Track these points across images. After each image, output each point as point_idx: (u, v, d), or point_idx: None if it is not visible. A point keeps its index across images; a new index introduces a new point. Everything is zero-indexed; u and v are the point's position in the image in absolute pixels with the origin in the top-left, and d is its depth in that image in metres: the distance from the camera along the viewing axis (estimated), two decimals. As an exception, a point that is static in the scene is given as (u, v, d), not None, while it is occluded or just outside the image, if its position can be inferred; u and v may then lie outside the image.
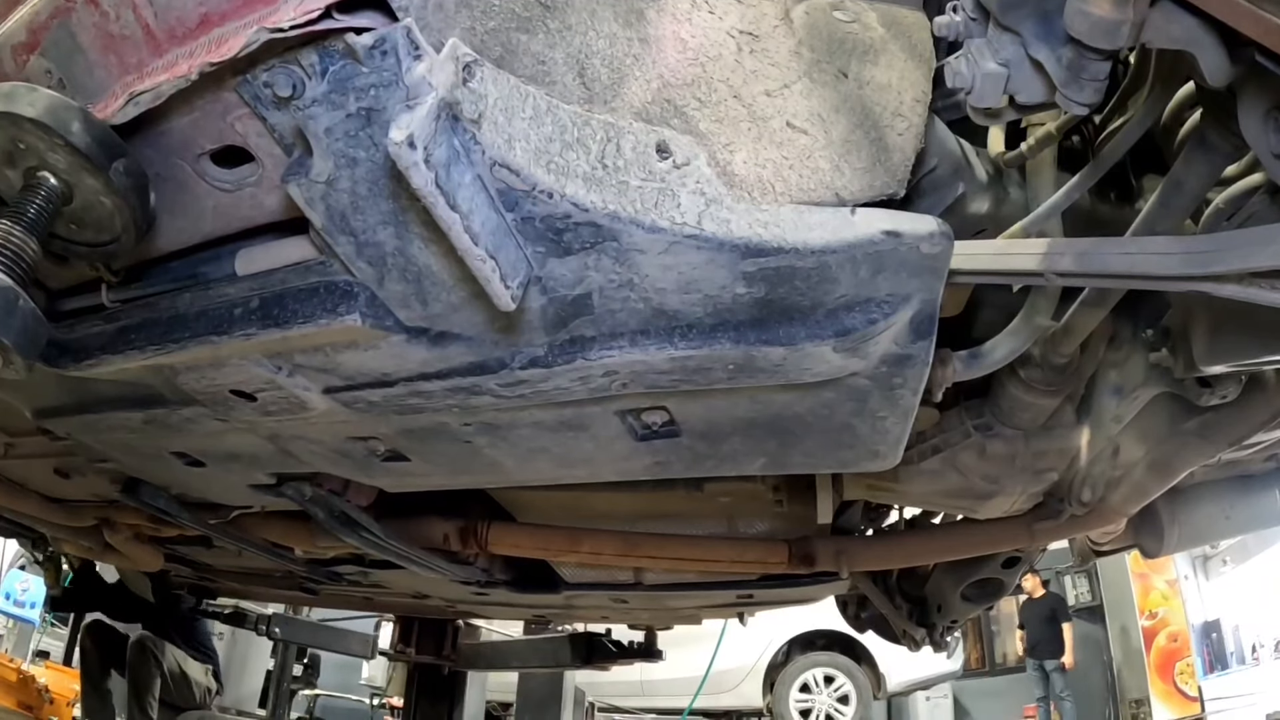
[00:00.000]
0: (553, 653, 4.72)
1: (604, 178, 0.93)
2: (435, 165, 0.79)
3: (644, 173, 0.94)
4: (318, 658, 8.87)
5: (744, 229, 0.95)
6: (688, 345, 1.05)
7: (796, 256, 0.96)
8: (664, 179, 0.95)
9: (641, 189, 0.94)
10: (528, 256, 0.96)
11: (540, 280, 0.99)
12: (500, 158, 0.86)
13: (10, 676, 5.28)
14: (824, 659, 8.55)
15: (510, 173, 0.87)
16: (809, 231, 0.96)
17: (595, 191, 0.92)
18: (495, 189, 0.88)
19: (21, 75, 0.94)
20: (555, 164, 0.90)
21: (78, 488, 2.04)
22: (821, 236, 0.96)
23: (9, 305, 0.86)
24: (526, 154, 0.88)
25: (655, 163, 0.95)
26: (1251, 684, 8.36)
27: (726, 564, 2.19)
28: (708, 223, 0.94)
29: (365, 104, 0.83)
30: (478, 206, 0.86)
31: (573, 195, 0.91)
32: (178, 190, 1.01)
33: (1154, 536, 2.18)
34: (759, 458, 1.39)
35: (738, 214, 0.95)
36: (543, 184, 0.89)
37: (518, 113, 0.88)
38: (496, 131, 0.86)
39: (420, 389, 1.18)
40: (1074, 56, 0.83)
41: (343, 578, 2.80)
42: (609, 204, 0.92)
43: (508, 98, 0.87)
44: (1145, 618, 10.22)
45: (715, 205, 0.95)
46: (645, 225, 0.93)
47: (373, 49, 0.80)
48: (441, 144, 0.79)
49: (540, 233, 0.94)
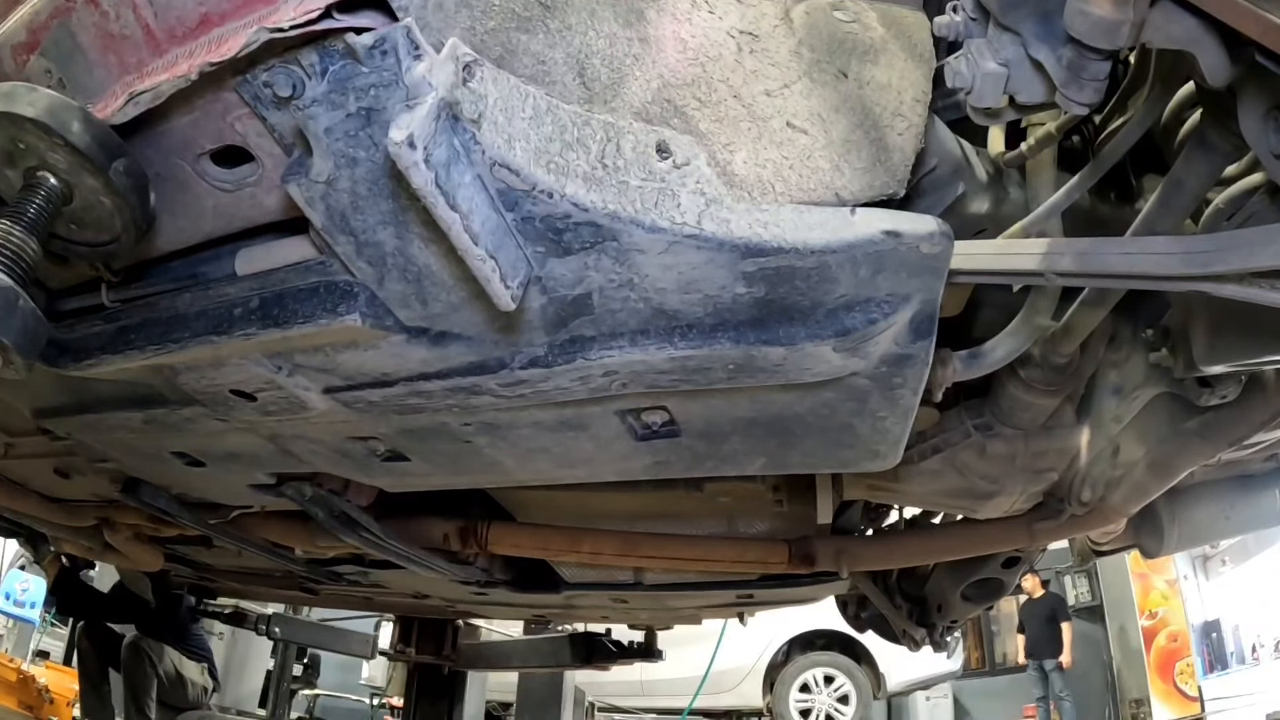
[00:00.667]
0: (553, 653, 4.72)
1: (604, 177, 0.92)
2: (435, 165, 0.79)
3: (644, 172, 0.94)
4: (318, 658, 8.88)
5: (744, 229, 0.95)
6: (688, 345, 1.05)
7: (796, 256, 0.96)
8: (664, 179, 0.94)
9: (641, 189, 0.94)
10: (528, 256, 0.96)
11: (540, 280, 0.99)
12: (500, 157, 0.86)
13: (10, 676, 5.28)
14: (824, 659, 8.55)
15: (510, 172, 0.87)
16: (809, 231, 0.96)
17: (595, 191, 0.92)
18: (495, 189, 0.88)
19: (21, 75, 0.94)
20: (555, 164, 0.90)
21: (78, 488, 2.04)
22: (821, 236, 0.96)
23: (9, 305, 0.86)
24: (526, 154, 0.88)
25: (655, 162, 0.94)
26: (1251, 684, 8.36)
27: (726, 564, 2.19)
28: (707, 222, 0.94)
29: (365, 104, 0.83)
30: (478, 206, 0.86)
31: (573, 195, 0.90)
32: (178, 190, 1.01)
33: (1154, 536, 2.18)
34: (759, 458, 1.39)
35: (738, 214, 0.95)
36: (543, 184, 0.89)
37: (518, 113, 0.88)
38: (496, 131, 0.86)
39: (420, 389, 1.18)
40: (1074, 56, 0.82)
41: (343, 578, 2.80)
42: (609, 204, 0.92)
43: (508, 97, 0.87)
44: (1145, 618, 10.22)
45: (715, 205, 0.95)
46: (645, 225, 0.93)
47: (373, 49, 0.80)
48: (441, 144, 0.79)
49: (540, 233, 0.94)
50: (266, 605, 5.06)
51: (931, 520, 2.41)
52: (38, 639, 8.21)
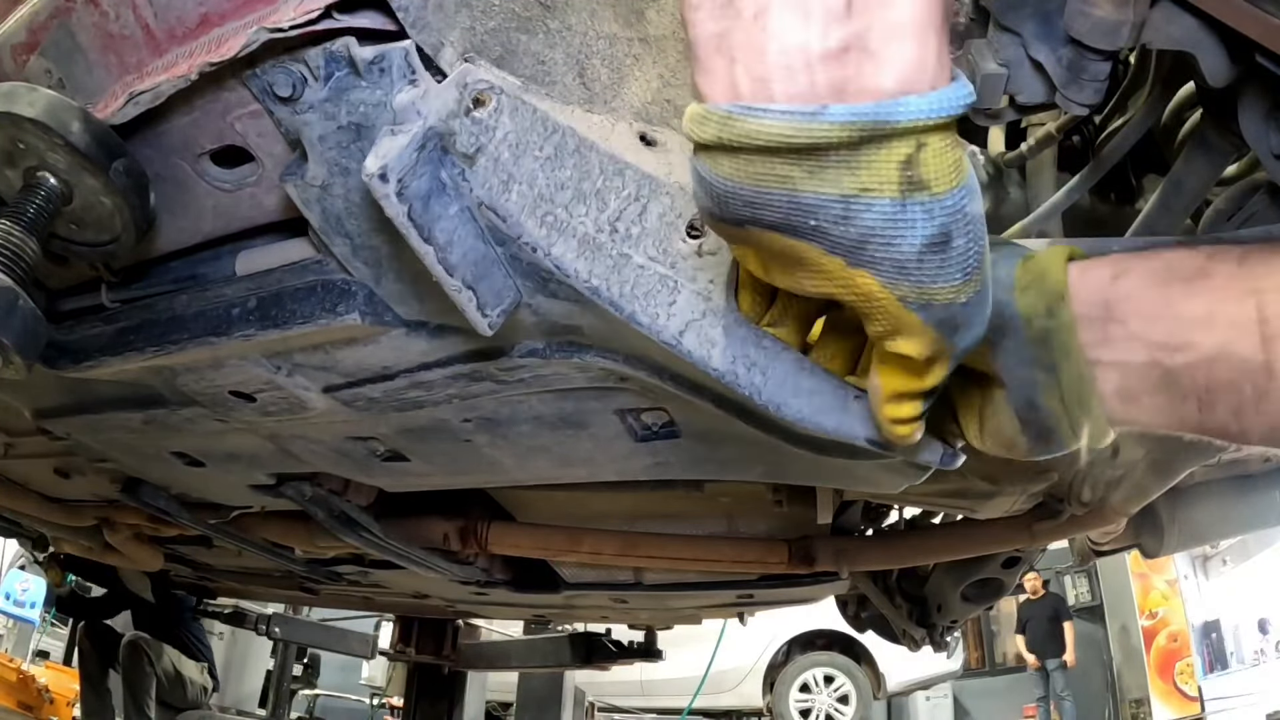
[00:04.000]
0: (553, 653, 4.72)
1: (604, 244, 0.84)
2: (410, 198, 0.75)
3: (656, 251, 0.85)
4: (318, 658, 8.89)
5: (724, 362, 0.84)
6: (676, 387, 1.01)
7: (766, 410, 0.85)
8: (675, 265, 0.85)
9: (641, 270, 0.84)
10: (517, 285, 0.91)
11: (530, 305, 0.96)
12: (488, 199, 0.81)
13: (10, 676, 5.29)
14: (824, 659, 8.57)
15: (497, 217, 0.82)
16: (792, 396, 0.84)
17: (585, 259, 0.84)
18: (484, 223, 0.84)
19: (21, 75, 0.94)
20: (553, 216, 0.83)
21: (78, 488, 2.04)
22: (800, 409, 0.84)
23: (9, 305, 0.86)
24: (523, 200, 0.82)
25: (678, 242, 0.85)
26: (1251, 684, 8.36)
27: (726, 564, 2.19)
28: (690, 339, 0.84)
29: (355, 119, 0.82)
30: (460, 238, 0.81)
31: (557, 257, 0.84)
32: (178, 190, 1.01)
33: (1154, 536, 2.18)
34: (757, 465, 1.39)
35: (730, 338, 0.84)
36: (528, 237, 0.83)
37: (531, 150, 0.83)
38: (494, 170, 0.81)
39: (421, 379, 1.17)
40: (1074, 57, 0.82)
41: (343, 578, 2.80)
42: (594, 278, 0.84)
43: (524, 132, 0.82)
44: (1145, 618, 10.24)
45: (711, 318, 0.85)
46: (624, 312, 0.85)
47: (372, 63, 0.79)
48: (424, 175, 0.76)
49: (528, 272, 0.89)
50: (266, 605, 5.06)
51: (931, 520, 2.41)
52: (38, 639, 8.23)
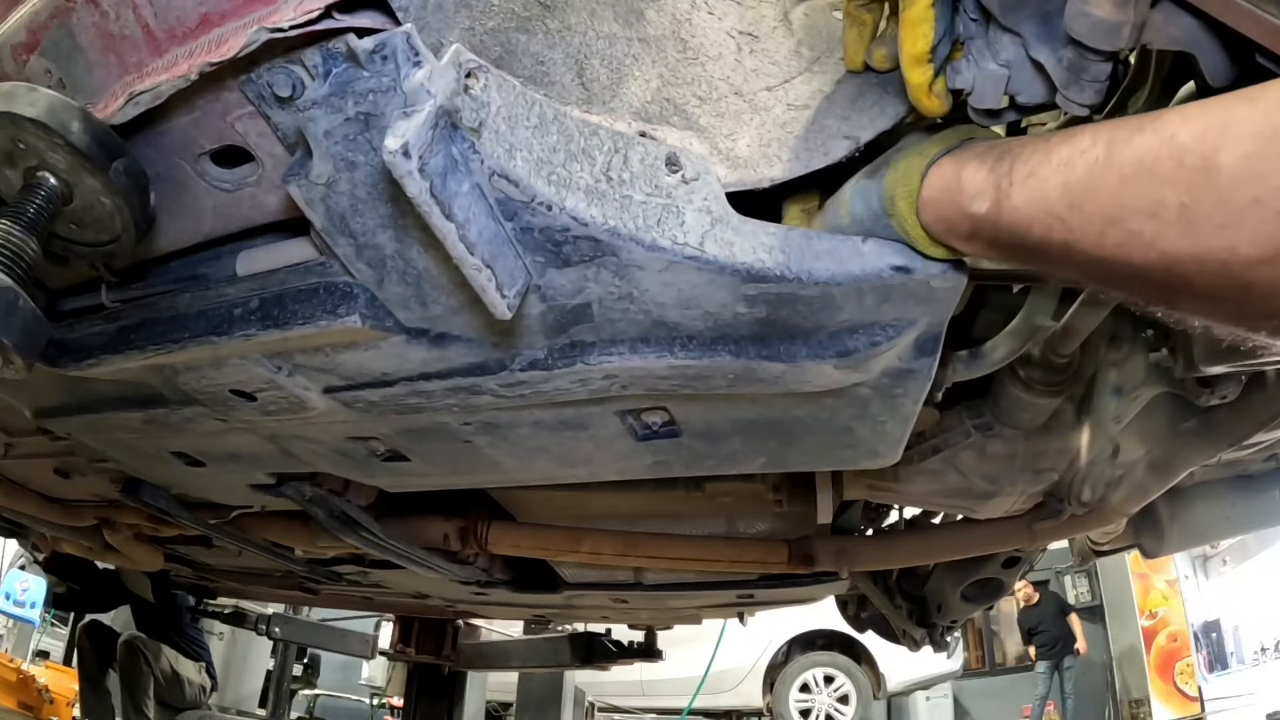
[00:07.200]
0: (553, 653, 4.72)
1: (607, 191, 0.90)
2: (430, 174, 0.78)
3: (650, 187, 0.92)
4: (318, 658, 8.89)
5: (747, 253, 0.92)
6: (687, 355, 1.04)
7: (800, 285, 0.94)
8: (670, 194, 0.92)
9: (645, 204, 0.91)
10: (526, 265, 0.94)
11: (539, 288, 0.98)
12: (500, 168, 0.85)
13: (10, 676, 5.28)
14: (824, 659, 8.56)
15: (509, 183, 0.86)
16: (815, 260, 0.93)
17: (596, 206, 0.89)
18: (494, 198, 0.87)
19: (21, 75, 0.94)
20: (557, 175, 0.88)
21: (78, 488, 2.04)
22: (827, 267, 0.93)
23: (9, 305, 0.86)
24: (527, 164, 0.87)
25: (664, 177, 0.92)
26: (1251, 684, 8.36)
27: (726, 564, 2.19)
28: (710, 244, 0.91)
29: (364, 109, 0.82)
30: (475, 215, 0.84)
31: (572, 209, 0.89)
32: (178, 190, 1.00)
33: (1154, 536, 2.18)
34: (759, 456, 1.39)
35: (743, 235, 0.92)
36: (542, 196, 0.87)
37: (521, 121, 0.86)
38: (497, 140, 0.84)
39: (420, 389, 1.18)
40: (1075, 57, 0.82)
41: (343, 578, 2.80)
42: (609, 219, 0.90)
43: (512, 105, 0.86)
44: (1145, 618, 10.23)
45: (721, 225, 0.92)
46: (645, 244, 0.90)
47: (373, 53, 0.79)
48: (439, 152, 0.78)
49: (539, 243, 0.92)
50: (266, 605, 5.06)
51: (931, 520, 2.41)
52: (38, 639, 8.22)
